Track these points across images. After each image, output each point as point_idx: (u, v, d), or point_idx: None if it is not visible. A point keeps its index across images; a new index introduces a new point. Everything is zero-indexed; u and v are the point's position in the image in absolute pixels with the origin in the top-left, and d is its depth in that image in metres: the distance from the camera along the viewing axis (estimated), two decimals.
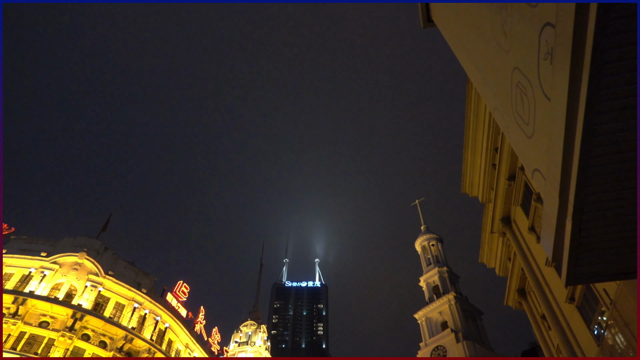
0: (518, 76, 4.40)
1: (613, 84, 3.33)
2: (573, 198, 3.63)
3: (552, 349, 20.67)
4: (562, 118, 3.41)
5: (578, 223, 3.78)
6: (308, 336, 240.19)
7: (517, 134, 4.61)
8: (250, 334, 63.25)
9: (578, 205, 3.67)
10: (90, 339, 34.00)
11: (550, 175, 3.85)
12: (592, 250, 4.08)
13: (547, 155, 3.81)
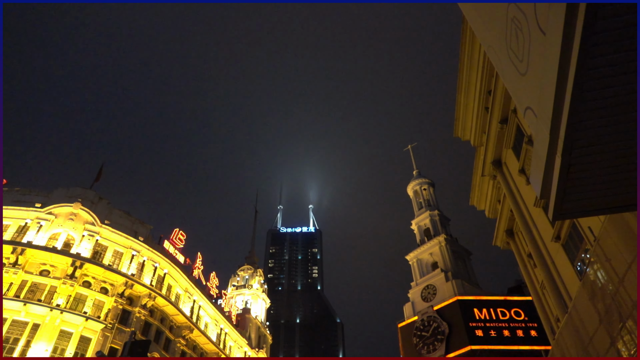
0: (514, 11, 4.28)
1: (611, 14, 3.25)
2: (564, 134, 3.64)
3: (537, 285, 21.64)
4: (556, 52, 3.35)
5: (567, 159, 3.82)
6: (303, 279, 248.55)
7: (511, 72, 4.55)
8: (247, 278, 65.28)
9: (568, 141, 3.68)
10: (92, 285, 34.93)
11: (542, 112, 3.84)
12: (580, 186, 4.15)
13: (539, 92, 3.78)
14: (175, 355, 39.26)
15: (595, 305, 10.08)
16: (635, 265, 8.17)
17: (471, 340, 43.99)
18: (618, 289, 8.87)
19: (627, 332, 8.85)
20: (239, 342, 51.50)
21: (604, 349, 9.72)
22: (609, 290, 9.44)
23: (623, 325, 8.94)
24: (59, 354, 30.07)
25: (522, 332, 44.13)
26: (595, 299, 10.11)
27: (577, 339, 10.93)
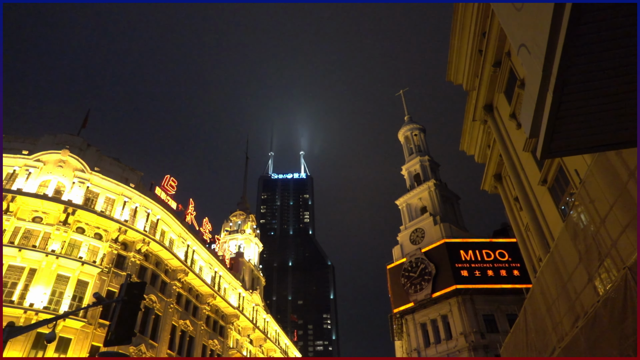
0: None
1: None
2: (556, 71, 3.60)
3: (522, 228, 22.28)
4: None
5: (559, 96, 3.80)
6: (295, 224, 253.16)
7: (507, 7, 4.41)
8: (240, 223, 66.31)
9: (561, 78, 3.65)
10: (85, 232, 35.30)
11: (536, 48, 3.77)
12: (569, 124, 4.17)
13: (534, 28, 3.69)
14: (171, 297, 40.56)
15: (576, 245, 10.45)
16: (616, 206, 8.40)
17: (456, 280, 45.86)
18: (599, 229, 9.16)
19: (605, 271, 9.25)
20: (233, 285, 53.18)
21: (582, 286, 10.20)
22: (590, 231, 9.75)
23: (601, 263, 9.32)
24: (57, 297, 30.89)
25: (505, 272, 46.03)
26: (576, 239, 10.46)
27: (557, 277, 11.43)
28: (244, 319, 52.59)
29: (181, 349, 40.92)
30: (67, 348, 29.74)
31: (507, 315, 42.93)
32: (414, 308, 49.38)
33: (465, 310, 45.57)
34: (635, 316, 7.71)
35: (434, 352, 46.42)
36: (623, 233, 8.25)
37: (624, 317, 7.95)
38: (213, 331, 47.05)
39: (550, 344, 12.00)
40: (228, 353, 48.34)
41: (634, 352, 8.19)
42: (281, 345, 66.77)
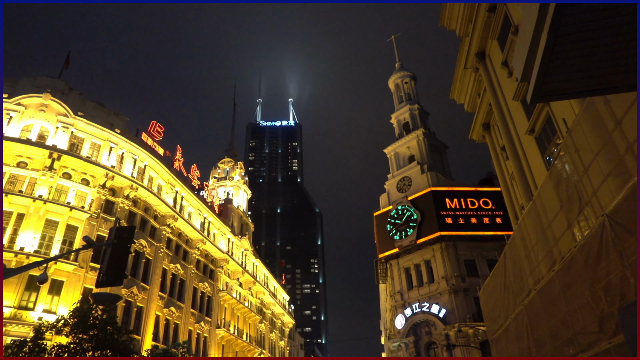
0: None
1: None
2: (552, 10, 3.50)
3: (507, 177, 22.65)
4: None
5: (553, 37, 3.73)
6: (284, 172, 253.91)
7: None
8: (228, 170, 66.27)
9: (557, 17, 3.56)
10: (72, 177, 35.01)
11: None
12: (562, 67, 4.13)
13: None
14: (161, 242, 41.17)
15: (558, 193, 10.69)
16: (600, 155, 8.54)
17: (441, 227, 47.10)
18: (582, 178, 9.35)
19: (584, 219, 9.54)
20: (222, 230, 53.99)
21: (560, 233, 10.55)
22: (573, 180, 9.95)
23: (581, 211, 9.60)
24: (47, 242, 31.13)
25: (488, 220, 47.32)
26: (559, 188, 10.68)
27: (537, 224, 11.79)
28: (234, 263, 53.91)
29: (172, 291, 42.10)
30: (60, 290, 30.38)
31: (487, 260, 44.64)
32: (399, 253, 50.91)
33: (447, 255, 47.15)
34: (609, 261, 8.07)
35: (416, 294, 48.46)
36: (604, 182, 8.45)
37: (598, 261, 8.31)
38: (203, 274, 48.28)
39: (527, 287, 12.59)
40: (218, 295, 49.91)
41: (605, 294, 8.65)
42: (270, 288, 69.00)
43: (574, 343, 9.59)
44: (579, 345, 9.29)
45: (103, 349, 8.45)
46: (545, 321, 11.21)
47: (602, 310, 8.51)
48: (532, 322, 12.18)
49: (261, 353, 60.00)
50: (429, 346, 46.17)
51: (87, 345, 8.35)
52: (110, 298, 9.90)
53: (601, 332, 8.42)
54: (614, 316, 7.96)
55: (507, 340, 14.98)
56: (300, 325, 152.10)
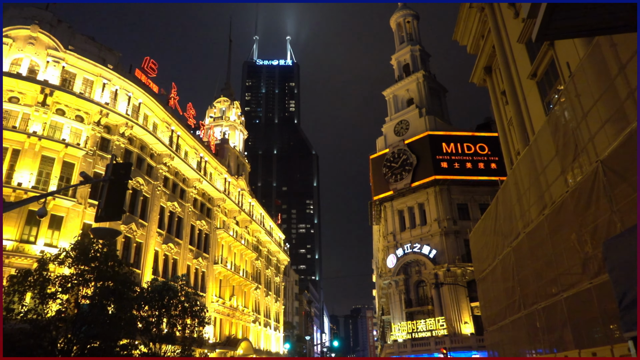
0: None
1: None
2: None
3: (505, 122, 22.54)
4: None
5: None
6: (280, 112, 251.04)
7: None
8: (224, 110, 65.43)
9: None
10: (66, 114, 34.49)
11: None
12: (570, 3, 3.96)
13: None
14: (158, 180, 41.44)
15: (555, 139, 10.71)
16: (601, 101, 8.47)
17: (436, 171, 47.51)
18: (580, 124, 9.33)
19: (578, 166, 9.62)
20: (219, 170, 54.25)
21: (553, 178, 10.69)
22: (570, 126, 9.93)
23: (575, 158, 9.67)
24: (45, 178, 31.26)
25: (483, 165, 47.69)
26: (556, 134, 10.68)
27: (531, 169, 11.91)
28: (230, 202, 54.70)
29: (170, 228, 43.01)
30: (60, 225, 30.96)
31: (479, 204, 45.51)
32: (393, 196, 51.67)
33: (441, 199, 47.94)
34: (599, 206, 8.26)
35: (408, 235, 49.78)
36: (602, 128, 8.44)
37: (588, 206, 8.50)
38: (200, 213, 49.12)
39: (516, 230, 12.95)
40: (215, 233, 51.09)
41: (591, 238, 8.93)
42: (266, 227, 70.56)
43: (556, 283, 10.03)
44: (561, 285, 9.72)
45: (105, 280, 8.79)
46: (531, 262, 11.65)
47: (587, 253, 8.83)
48: (518, 263, 12.65)
49: (257, 288, 62.47)
50: (418, 284, 48.16)
51: (89, 276, 8.67)
52: (109, 232, 10.13)
53: (584, 273, 8.78)
54: (597, 259, 8.28)
55: (493, 280, 15.64)
56: (295, 263, 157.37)
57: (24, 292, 8.50)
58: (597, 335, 8.25)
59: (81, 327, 8.50)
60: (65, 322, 8.57)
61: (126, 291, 9.05)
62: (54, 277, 8.37)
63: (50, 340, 8.29)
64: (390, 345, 47.93)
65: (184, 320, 12.76)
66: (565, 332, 9.66)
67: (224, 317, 50.14)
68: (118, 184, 9.40)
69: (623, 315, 4.08)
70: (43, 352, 8.11)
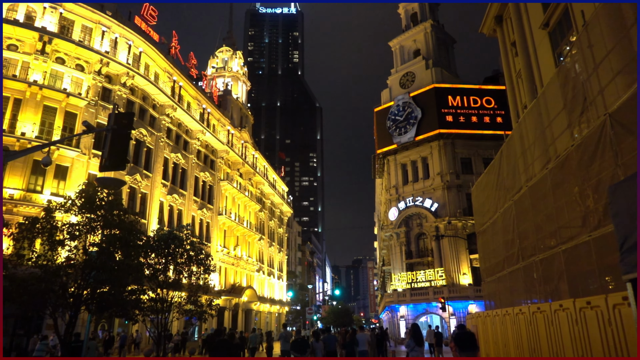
0: None
1: None
2: None
3: (513, 74, 22.03)
4: None
5: None
6: (284, 63, 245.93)
7: None
8: (227, 60, 64.07)
9: None
10: (65, 62, 33.87)
11: None
12: None
13: None
14: (161, 131, 41.31)
15: (563, 92, 10.48)
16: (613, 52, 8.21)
17: (441, 125, 47.08)
18: (590, 76, 9.10)
19: (585, 120, 9.46)
20: (222, 121, 53.90)
21: (559, 132, 10.56)
22: (581, 78, 9.69)
23: (583, 112, 9.50)
24: (48, 128, 31.17)
25: (489, 119, 47.13)
26: (565, 87, 10.44)
27: (538, 123, 11.75)
28: (234, 154, 54.77)
29: (174, 180, 43.37)
30: (65, 175, 31.24)
31: (483, 159, 45.41)
32: (397, 150, 51.54)
33: (445, 153, 47.81)
34: (603, 160, 8.21)
35: (411, 189, 50.08)
36: (612, 80, 8.23)
37: (593, 160, 8.45)
38: (204, 164, 49.33)
39: (518, 184, 12.97)
40: (219, 185, 51.53)
41: (593, 192, 8.95)
42: (269, 179, 71.02)
43: (555, 236, 10.16)
44: (560, 238, 9.86)
45: (111, 228, 8.98)
46: (531, 216, 11.76)
47: (588, 207, 8.87)
48: (519, 216, 12.77)
49: (261, 239, 63.80)
50: (418, 237, 49.01)
51: (95, 224, 8.85)
52: (114, 182, 10.21)
53: (583, 226, 8.87)
54: (598, 212, 8.34)
55: (493, 232, 15.86)
56: (298, 215, 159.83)
57: (33, 238, 8.70)
58: (592, 286, 8.44)
59: (90, 273, 8.77)
60: (74, 268, 8.83)
61: (132, 239, 9.25)
62: (61, 225, 8.56)
63: (61, 285, 8.58)
64: (390, 294, 49.50)
65: (189, 267, 13.12)
66: (561, 283, 9.90)
67: (229, 266, 51.58)
68: (121, 133, 9.36)
69: (623, 258, 4.17)
70: (55, 295, 8.42)
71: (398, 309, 46.93)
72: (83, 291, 8.71)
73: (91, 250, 8.98)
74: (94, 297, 8.83)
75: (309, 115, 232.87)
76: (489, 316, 13.54)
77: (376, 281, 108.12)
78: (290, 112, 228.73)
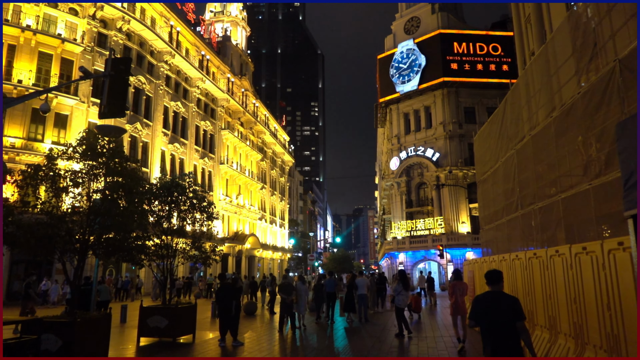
0: None
1: None
2: None
3: (522, 19, 21.27)
4: None
5: None
6: (285, 8, 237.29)
7: None
8: (225, 4, 61.76)
9: None
10: (58, 6, 32.68)
11: None
12: None
13: None
14: (160, 79, 40.56)
15: (573, 38, 10.15)
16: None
17: (445, 73, 46.08)
18: (602, 19, 8.78)
19: (594, 68, 9.22)
20: (222, 69, 52.78)
21: (566, 79, 10.34)
22: (592, 23, 9.35)
23: (592, 58, 9.24)
24: (44, 75, 30.59)
25: (494, 67, 46.06)
26: (575, 32, 10.11)
27: (544, 70, 11.47)
28: (234, 103, 54.10)
29: (175, 128, 43.13)
30: (65, 124, 31.05)
31: (487, 108, 44.82)
32: (399, 98, 50.80)
33: (448, 102, 47.15)
34: (610, 108, 8.08)
35: (413, 138, 49.86)
36: (625, 25, 7.94)
37: (598, 108, 8.32)
38: (205, 113, 48.85)
39: (521, 133, 12.86)
40: (220, 134, 51.30)
41: (596, 141, 8.89)
42: (270, 128, 70.57)
43: (556, 184, 10.21)
44: (561, 187, 9.91)
45: (113, 175, 9.02)
46: (533, 165, 11.76)
47: (590, 155, 8.84)
48: (520, 165, 12.78)
49: (263, 188, 64.37)
50: (419, 186, 49.38)
51: (97, 171, 8.88)
52: (115, 130, 10.14)
53: (584, 175, 8.89)
54: (600, 161, 8.32)
55: (493, 181, 15.94)
56: (299, 165, 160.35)
57: (37, 185, 8.77)
58: (589, 234, 8.58)
59: (95, 219, 8.92)
60: (79, 214, 8.96)
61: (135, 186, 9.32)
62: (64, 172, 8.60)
63: (67, 230, 8.74)
64: (390, 242, 50.61)
65: (193, 214, 13.32)
66: (558, 231, 10.06)
67: (232, 215, 52.42)
68: (119, 79, 9.17)
69: (626, 195, 4.20)
70: (61, 240, 8.61)
71: (397, 256, 48.13)
72: (89, 237, 8.89)
73: (95, 197, 9.08)
74: (100, 243, 9.03)
75: (311, 62, 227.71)
76: (485, 262, 13.90)
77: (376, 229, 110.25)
78: (291, 60, 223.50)
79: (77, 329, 8.39)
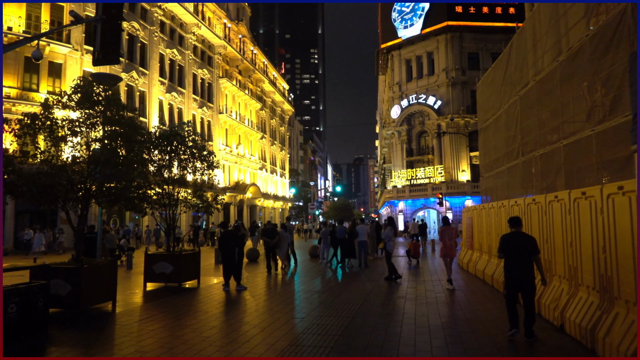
0: None
1: None
2: None
3: None
4: None
5: None
6: None
7: None
8: None
9: None
10: None
11: None
12: None
13: None
14: (154, 25, 39.22)
15: None
16: None
17: (449, 16, 44.49)
18: None
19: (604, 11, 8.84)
20: (218, 14, 50.93)
21: (575, 21, 9.95)
22: None
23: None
24: (34, 22, 29.53)
25: (501, 10, 44.39)
26: None
27: (553, 11, 11.03)
28: (232, 50, 52.67)
29: (172, 77, 42.27)
30: (59, 73, 30.41)
31: (491, 54, 43.67)
32: (401, 44, 49.43)
33: (452, 47, 45.89)
34: (618, 52, 7.83)
35: (414, 86, 48.99)
36: None
37: (607, 51, 8.08)
38: (202, 61, 47.70)
39: (526, 78, 12.59)
40: (218, 82, 50.34)
41: (602, 86, 8.70)
42: (269, 76, 69.17)
43: (558, 131, 10.12)
44: (563, 133, 9.82)
45: (111, 124, 8.91)
46: (536, 111, 11.59)
47: (595, 101, 8.69)
48: (523, 112, 12.61)
49: (263, 137, 64.05)
50: (420, 134, 49.12)
51: (94, 120, 8.76)
52: (110, 78, 9.92)
53: (587, 120, 8.78)
54: (605, 107, 8.18)
55: (495, 129, 15.81)
56: (299, 114, 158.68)
57: (35, 134, 8.69)
58: (589, 181, 8.60)
59: (96, 168, 8.91)
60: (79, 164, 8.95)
61: (134, 134, 9.24)
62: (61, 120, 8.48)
63: (69, 180, 8.77)
64: (390, 190, 51.05)
65: (193, 164, 13.32)
66: (558, 178, 10.08)
67: (232, 165, 52.53)
68: (111, 24, 8.85)
69: (634, 128, 4.19)
70: (63, 189, 8.65)
71: (397, 204, 48.70)
72: (91, 186, 8.93)
73: (93, 147, 9.03)
74: (102, 191, 9.08)
75: (310, 7, 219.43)
76: (484, 209, 14.05)
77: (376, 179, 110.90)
78: (290, 4, 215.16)
79: (84, 275, 8.63)
